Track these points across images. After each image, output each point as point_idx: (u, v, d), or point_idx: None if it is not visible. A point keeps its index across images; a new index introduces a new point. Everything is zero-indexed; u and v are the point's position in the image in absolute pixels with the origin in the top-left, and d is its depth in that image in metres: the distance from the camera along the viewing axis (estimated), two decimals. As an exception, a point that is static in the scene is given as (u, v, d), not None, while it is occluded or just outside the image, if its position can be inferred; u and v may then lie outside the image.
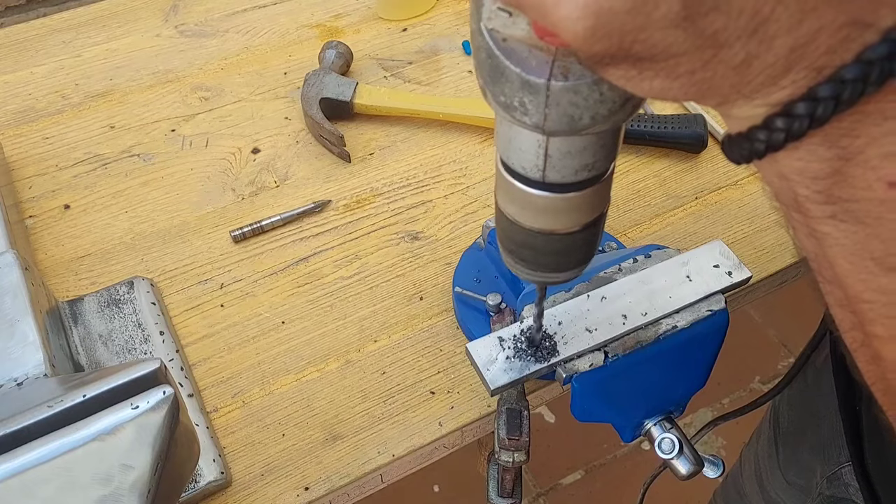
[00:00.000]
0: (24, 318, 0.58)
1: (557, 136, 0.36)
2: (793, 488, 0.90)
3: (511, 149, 0.38)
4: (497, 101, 0.34)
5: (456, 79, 0.96)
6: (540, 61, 0.32)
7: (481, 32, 0.33)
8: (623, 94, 0.33)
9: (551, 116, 0.33)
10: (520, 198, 0.40)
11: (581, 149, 0.36)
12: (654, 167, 0.86)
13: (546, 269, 0.46)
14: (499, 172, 0.41)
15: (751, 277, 0.62)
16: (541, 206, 0.40)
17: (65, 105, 0.92)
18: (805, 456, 0.85)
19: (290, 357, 0.71)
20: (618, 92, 0.32)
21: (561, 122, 0.33)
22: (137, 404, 0.45)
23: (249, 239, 0.79)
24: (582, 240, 0.43)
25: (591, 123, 0.33)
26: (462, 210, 0.82)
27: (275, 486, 0.64)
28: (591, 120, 0.33)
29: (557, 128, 0.34)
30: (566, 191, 0.39)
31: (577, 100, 0.32)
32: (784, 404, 0.93)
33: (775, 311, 1.94)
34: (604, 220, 0.44)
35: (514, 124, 0.35)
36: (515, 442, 0.58)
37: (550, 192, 0.39)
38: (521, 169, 0.38)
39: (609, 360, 0.57)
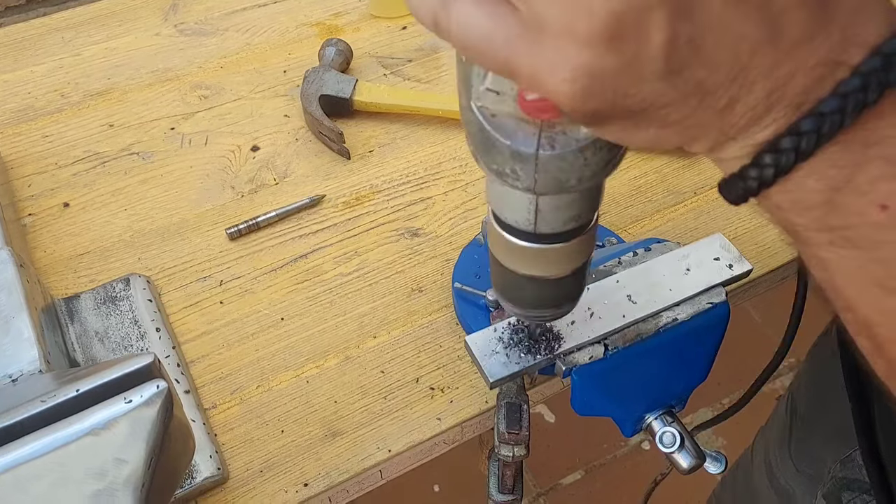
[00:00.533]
0: (18, 314, 0.58)
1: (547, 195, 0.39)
2: (802, 476, 0.89)
3: (504, 206, 0.41)
4: (489, 169, 0.37)
5: (455, 77, 0.95)
6: (527, 134, 0.34)
7: (471, 109, 0.35)
8: (604, 158, 0.35)
9: (541, 181, 0.36)
10: (513, 249, 0.44)
11: (569, 203, 0.40)
12: (655, 163, 0.86)
13: (539, 308, 0.50)
14: (492, 226, 0.44)
15: (751, 270, 0.61)
16: (533, 256, 0.43)
17: (64, 104, 0.92)
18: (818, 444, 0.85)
19: (290, 353, 0.71)
20: (600, 156, 0.35)
21: (550, 185, 0.36)
22: (131, 398, 0.45)
23: (248, 235, 0.79)
24: (572, 282, 0.47)
25: (578, 184, 0.36)
26: (462, 206, 0.82)
27: (274, 483, 0.63)
28: (578, 181, 0.36)
29: (547, 190, 0.36)
30: (556, 241, 0.42)
31: (563, 166, 0.35)
32: (801, 390, 0.92)
33: (775, 310, 1.92)
34: (590, 263, 0.48)
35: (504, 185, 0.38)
36: (515, 436, 0.58)
37: (541, 243, 0.42)
38: (514, 223, 0.42)
39: (609, 353, 0.57)
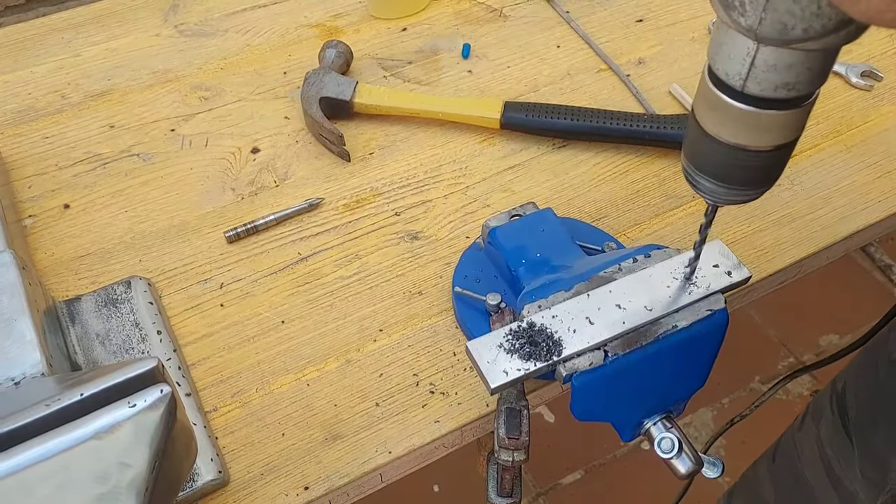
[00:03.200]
0: (21, 317, 0.58)
1: (767, 46, 0.37)
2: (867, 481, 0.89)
3: (720, 54, 0.40)
4: None
5: (455, 78, 0.95)
6: None
7: None
8: (840, 15, 0.33)
9: (766, 21, 0.34)
10: (717, 106, 0.42)
11: (787, 65, 0.38)
12: (654, 167, 0.86)
13: (730, 184, 0.47)
14: (702, 81, 0.43)
15: (750, 277, 0.62)
16: (735, 118, 0.42)
17: (64, 105, 0.92)
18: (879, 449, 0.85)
19: (290, 357, 0.71)
20: (836, 10, 0.33)
21: (774, 29, 0.35)
22: (135, 403, 0.45)
23: (249, 238, 0.79)
24: (770, 160, 0.45)
25: (803, 37, 0.34)
26: (462, 210, 0.82)
27: (274, 486, 0.63)
28: (804, 33, 0.34)
29: (769, 34, 0.35)
30: (762, 106, 0.41)
31: (794, 8, 0.33)
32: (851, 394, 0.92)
33: (775, 311, 1.93)
34: (792, 149, 0.46)
35: (729, 28, 0.37)
36: (515, 441, 0.58)
37: (746, 104, 0.41)
38: (725, 76, 0.40)
39: (609, 360, 0.57)
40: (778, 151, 0.45)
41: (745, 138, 0.43)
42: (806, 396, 1.80)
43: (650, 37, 1.01)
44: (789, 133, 0.44)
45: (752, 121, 0.42)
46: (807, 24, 0.34)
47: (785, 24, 0.34)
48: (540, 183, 0.85)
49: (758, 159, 0.45)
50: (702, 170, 0.48)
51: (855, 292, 1.97)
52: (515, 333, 0.58)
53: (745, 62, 0.39)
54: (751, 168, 0.46)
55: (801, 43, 0.36)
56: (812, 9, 0.34)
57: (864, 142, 0.89)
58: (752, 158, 0.45)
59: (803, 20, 0.34)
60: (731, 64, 0.40)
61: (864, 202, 0.83)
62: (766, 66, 0.38)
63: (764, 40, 0.37)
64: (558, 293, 0.60)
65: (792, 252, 0.78)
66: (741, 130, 0.43)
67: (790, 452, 1.06)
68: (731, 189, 0.48)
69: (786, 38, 0.35)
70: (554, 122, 0.86)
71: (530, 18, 1.03)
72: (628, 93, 0.94)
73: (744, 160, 0.45)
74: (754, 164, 0.45)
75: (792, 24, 0.34)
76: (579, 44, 1.00)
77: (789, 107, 0.41)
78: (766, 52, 0.38)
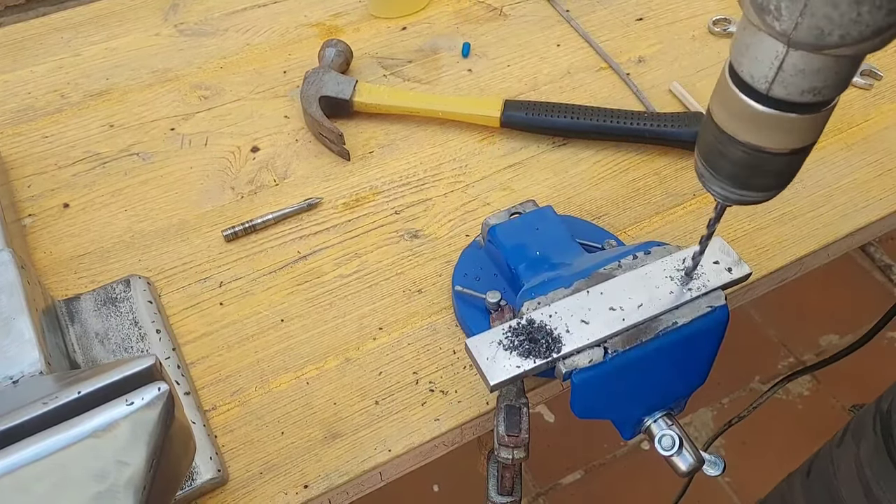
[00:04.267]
0: (19, 316, 0.58)
1: (798, 50, 0.36)
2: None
3: (746, 56, 0.39)
4: (753, 2, 0.35)
5: (455, 77, 0.95)
6: None
7: None
8: (878, 23, 0.33)
9: (802, 26, 0.34)
10: (738, 108, 0.41)
11: (815, 69, 0.37)
12: (654, 165, 0.86)
13: (744, 185, 0.47)
14: (723, 80, 0.42)
15: (751, 274, 0.61)
16: (756, 120, 0.41)
17: (64, 104, 0.92)
18: None
19: (289, 355, 0.71)
20: (876, 18, 0.33)
21: (809, 34, 0.34)
22: (132, 401, 0.45)
23: (248, 236, 0.79)
24: (785, 164, 0.44)
25: (839, 43, 0.34)
26: (462, 208, 0.82)
27: (273, 485, 0.63)
28: (840, 39, 0.34)
29: (804, 39, 0.34)
30: (786, 110, 0.40)
31: (833, 14, 0.33)
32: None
33: (775, 311, 1.93)
34: (807, 154, 0.45)
35: (760, 30, 0.36)
36: (515, 438, 0.58)
37: (770, 107, 0.40)
38: (750, 78, 0.40)
39: (609, 357, 0.57)
40: (794, 155, 0.44)
41: (764, 140, 0.43)
42: (806, 397, 1.80)
43: (650, 35, 1.01)
44: (808, 136, 0.43)
45: (773, 123, 0.41)
46: (844, 30, 0.34)
47: (822, 29, 0.34)
48: (540, 181, 0.84)
49: (774, 162, 0.44)
50: (717, 170, 0.47)
51: (855, 292, 1.97)
52: (515, 330, 0.58)
53: (773, 65, 0.38)
54: (766, 170, 0.45)
55: (836, 49, 0.35)
56: (851, 15, 0.33)
57: (865, 140, 0.89)
58: (768, 160, 0.44)
59: (841, 26, 0.34)
60: (757, 66, 0.39)
61: (865, 200, 0.83)
62: (795, 70, 0.38)
63: (797, 45, 0.36)
64: (558, 290, 0.60)
65: (793, 250, 0.78)
66: (761, 132, 0.42)
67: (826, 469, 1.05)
68: (744, 190, 0.47)
69: (821, 43, 0.35)
70: (554, 120, 0.86)
71: (530, 17, 1.03)
72: (628, 91, 0.94)
73: (760, 162, 0.44)
74: (770, 166, 0.45)
75: (829, 30, 0.34)
76: (579, 42, 1.00)
77: (812, 111, 0.41)
78: (796, 56, 0.37)
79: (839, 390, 1.81)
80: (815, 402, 1.79)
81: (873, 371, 1.83)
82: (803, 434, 1.74)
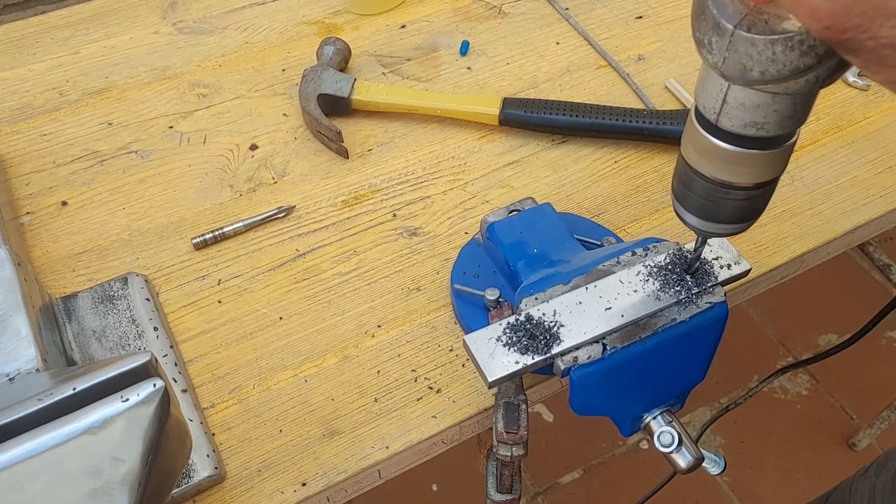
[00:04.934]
0: (16, 313, 0.58)
1: (736, 85, 0.40)
2: None
3: (701, 88, 0.43)
4: (694, 35, 0.39)
5: (454, 75, 0.95)
6: (735, 11, 0.37)
7: None
8: (794, 63, 0.36)
9: (728, 60, 0.37)
10: (698, 140, 0.44)
11: (755, 105, 0.40)
12: (654, 162, 0.86)
13: (713, 218, 0.49)
14: (689, 117, 0.45)
15: (750, 270, 0.61)
16: (712, 153, 0.44)
17: (62, 102, 0.92)
18: None
19: (288, 353, 0.71)
20: (790, 58, 0.36)
21: (735, 69, 0.37)
22: (128, 397, 0.44)
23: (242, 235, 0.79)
24: (750, 197, 0.47)
25: (761, 78, 0.37)
26: (461, 206, 0.82)
27: (272, 482, 0.63)
28: (761, 75, 0.37)
29: (732, 73, 0.38)
30: (737, 143, 0.43)
31: (752, 51, 0.36)
32: None
33: (774, 310, 1.93)
34: (772, 188, 0.48)
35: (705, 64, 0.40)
36: (513, 435, 0.58)
37: (722, 140, 0.43)
38: (703, 108, 0.43)
39: (607, 353, 0.57)
40: (757, 190, 0.47)
41: (724, 174, 0.45)
42: (805, 396, 1.80)
43: (650, 33, 1.00)
44: (766, 172, 0.45)
45: (727, 157, 0.44)
46: (763, 67, 0.37)
47: (744, 65, 0.37)
48: (539, 179, 0.84)
49: (738, 196, 0.47)
50: (686, 204, 0.50)
51: (854, 292, 1.96)
52: (513, 327, 0.57)
53: (719, 98, 0.41)
54: (731, 204, 0.48)
55: (762, 85, 0.38)
56: (767, 54, 0.36)
57: (865, 137, 0.88)
58: (732, 194, 0.47)
59: (760, 63, 0.37)
60: (707, 98, 0.42)
61: (866, 197, 0.82)
62: (736, 103, 0.41)
63: (728, 79, 0.39)
64: (556, 286, 0.60)
65: (793, 247, 0.78)
66: (720, 166, 0.45)
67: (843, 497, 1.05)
68: (715, 223, 0.50)
69: (747, 77, 0.38)
70: (553, 118, 0.85)
71: (529, 15, 1.02)
72: (628, 89, 0.93)
73: (724, 196, 0.47)
74: (734, 199, 0.47)
75: (750, 66, 0.37)
76: (578, 40, 0.99)
77: (764, 146, 0.43)
78: (736, 90, 0.40)
79: (838, 390, 1.80)
80: (813, 402, 1.79)
81: (872, 371, 1.83)
82: (802, 434, 1.74)
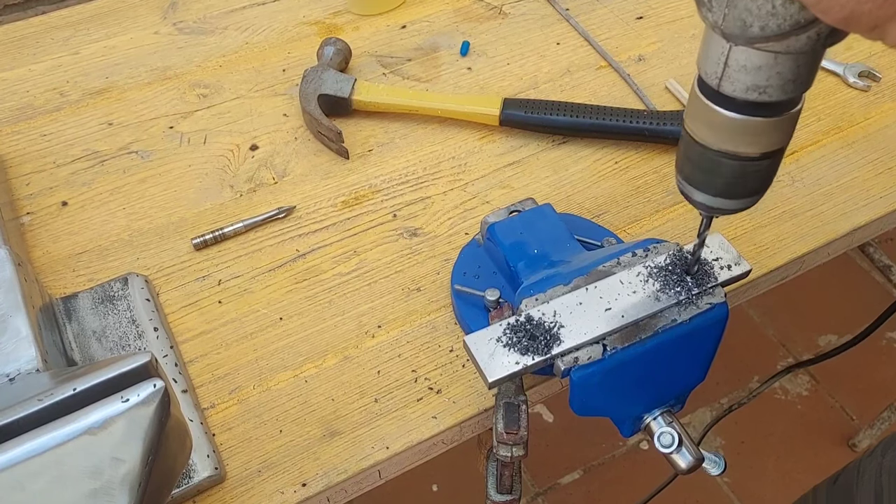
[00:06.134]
0: (16, 313, 0.58)
1: (737, 46, 0.39)
2: None
3: (703, 54, 0.42)
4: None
5: (455, 75, 0.95)
6: None
7: None
8: (796, 18, 0.36)
9: (728, 17, 0.37)
10: (701, 110, 0.44)
11: (756, 66, 0.40)
12: (654, 163, 0.86)
13: (718, 193, 0.48)
14: (692, 88, 0.45)
15: (750, 271, 0.61)
16: (716, 122, 0.43)
17: (63, 102, 0.92)
18: None
19: (288, 353, 0.71)
20: (790, 11, 0.35)
21: (735, 26, 0.37)
22: (128, 397, 0.44)
23: (243, 235, 0.79)
24: (756, 168, 0.46)
25: (761, 34, 0.37)
26: (461, 206, 0.82)
27: (272, 482, 0.63)
28: (761, 30, 0.37)
29: (732, 31, 0.37)
30: (740, 110, 0.42)
31: (751, 6, 0.36)
32: None
33: (774, 311, 1.93)
34: (779, 159, 0.47)
35: (706, 26, 0.39)
36: (514, 436, 0.58)
37: (725, 108, 0.43)
38: (705, 74, 0.42)
39: (608, 353, 0.57)
40: (763, 160, 0.46)
41: (728, 144, 0.45)
42: (805, 397, 1.80)
43: (650, 34, 1.00)
44: (771, 141, 0.44)
45: (731, 125, 0.43)
46: (763, 22, 0.36)
47: (744, 20, 0.36)
48: (539, 179, 0.84)
49: (743, 167, 0.46)
50: (691, 180, 0.49)
51: (854, 293, 1.96)
52: (513, 327, 0.57)
53: (720, 61, 0.41)
54: (737, 176, 0.47)
55: (763, 42, 0.38)
56: (767, 7, 0.36)
57: (866, 138, 0.88)
58: (737, 166, 0.46)
59: (759, 18, 0.36)
60: (709, 63, 0.42)
61: (866, 198, 0.82)
62: (738, 66, 0.40)
63: (729, 38, 0.39)
64: (557, 287, 0.60)
65: (793, 248, 0.78)
66: (723, 135, 0.44)
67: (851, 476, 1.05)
68: (721, 199, 0.49)
69: (747, 35, 0.37)
70: (553, 118, 0.85)
71: (530, 16, 1.02)
72: (628, 89, 0.93)
73: (729, 168, 0.46)
74: (740, 171, 0.46)
75: (750, 22, 0.36)
76: (579, 41, 0.99)
77: (767, 113, 0.42)
78: (738, 52, 0.40)
79: (838, 391, 1.80)
80: (814, 402, 1.79)
81: (872, 372, 1.83)
82: (802, 434, 1.74)
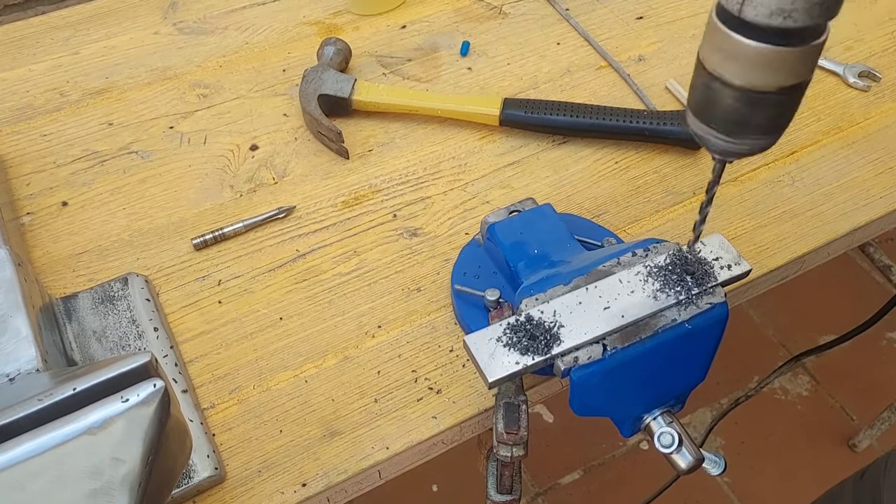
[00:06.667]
0: (16, 313, 0.58)
1: None
2: None
3: None
4: None
5: (455, 75, 0.95)
6: None
7: None
8: None
9: None
10: (719, 41, 0.42)
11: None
12: (654, 163, 0.86)
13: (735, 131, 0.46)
14: (710, 18, 0.43)
15: (750, 270, 0.61)
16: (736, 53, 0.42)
17: (63, 102, 0.92)
18: None
19: (288, 353, 0.71)
20: None
21: None
22: (128, 397, 0.44)
23: (243, 235, 0.79)
24: (775, 103, 0.44)
25: None
26: (461, 206, 0.82)
27: (272, 483, 0.63)
28: None
29: None
30: (762, 38, 0.41)
31: None
32: None
33: (774, 311, 1.93)
34: (800, 96, 0.45)
35: None
36: (514, 436, 0.58)
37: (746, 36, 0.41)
38: (725, 1, 0.40)
39: (608, 353, 0.57)
40: (782, 95, 0.44)
41: (747, 77, 0.43)
42: (805, 397, 1.80)
43: (650, 34, 1.00)
44: (793, 74, 0.43)
45: (752, 55, 0.41)
46: None
47: None
48: (539, 179, 0.84)
49: (761, 102, 0.44)
50: (707, 118, 0.47)
51: (854, 293, 1.96)
52: (513, 327, 0.57)
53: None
54: (755, 112, 0.44)
55: None
56: None
57: (866, 138, 0.88)
58: (755, 101, 0.44)
59: None
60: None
61: (866, 198, 0.82)
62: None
63: None
64: (557, 287, 0.60)
65: (793, 248, 0.78)
66: (743, 67, 0.42)
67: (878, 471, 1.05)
68: (737, 138, 0.46)
69: None
70: (553, 118, 0.85)
71: (530, 16, 1.02)
72: (628, 89, 0.93)
73: (747, 102, 0.44)
74: (758, 107, 0.44)
75: None
76: (579, 41, 0.99)
77: (791, 41, 0.41)
78: None
79: (838, 391, 1.80)
80: (814, 402, 1.79)
81: (872, 372, 1.83)
82: (802, 434, 1.74)
